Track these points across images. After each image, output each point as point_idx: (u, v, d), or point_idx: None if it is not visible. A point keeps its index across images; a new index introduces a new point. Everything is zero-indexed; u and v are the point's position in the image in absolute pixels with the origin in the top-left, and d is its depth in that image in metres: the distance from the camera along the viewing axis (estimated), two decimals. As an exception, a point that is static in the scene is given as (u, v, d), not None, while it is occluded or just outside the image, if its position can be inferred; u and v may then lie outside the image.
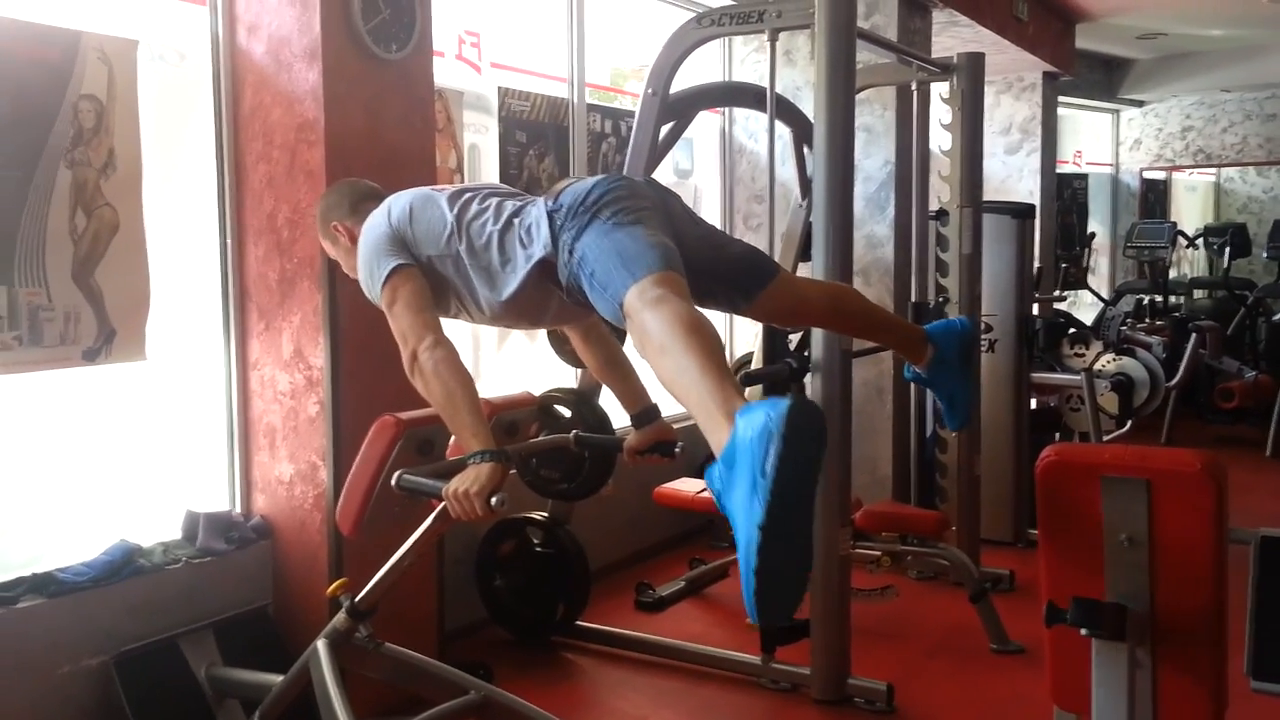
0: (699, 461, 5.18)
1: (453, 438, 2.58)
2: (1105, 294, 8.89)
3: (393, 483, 2.25)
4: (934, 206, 4.79)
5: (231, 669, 2.99)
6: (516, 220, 2.33)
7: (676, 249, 2.14)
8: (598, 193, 2.19)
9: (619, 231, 2.12)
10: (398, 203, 2.46)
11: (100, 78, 2.81)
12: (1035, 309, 5.50)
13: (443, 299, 2.41)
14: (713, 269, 2.40)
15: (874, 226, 5.16)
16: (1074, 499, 1.82)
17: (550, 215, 2.23)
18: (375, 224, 2.44)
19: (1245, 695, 1.88)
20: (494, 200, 2.41)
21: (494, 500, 2.10)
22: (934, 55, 4.91)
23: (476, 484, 2.10)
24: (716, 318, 2.31)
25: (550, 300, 2.36)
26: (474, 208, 2.39)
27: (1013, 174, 7.60)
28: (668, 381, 1.89)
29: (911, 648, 3.90)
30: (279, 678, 2.70)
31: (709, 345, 1.86)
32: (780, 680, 3.51)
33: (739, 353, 5.68)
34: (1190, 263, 10.08)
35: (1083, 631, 1.77)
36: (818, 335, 3.36)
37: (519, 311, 2.41)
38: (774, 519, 1.59)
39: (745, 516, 1.63)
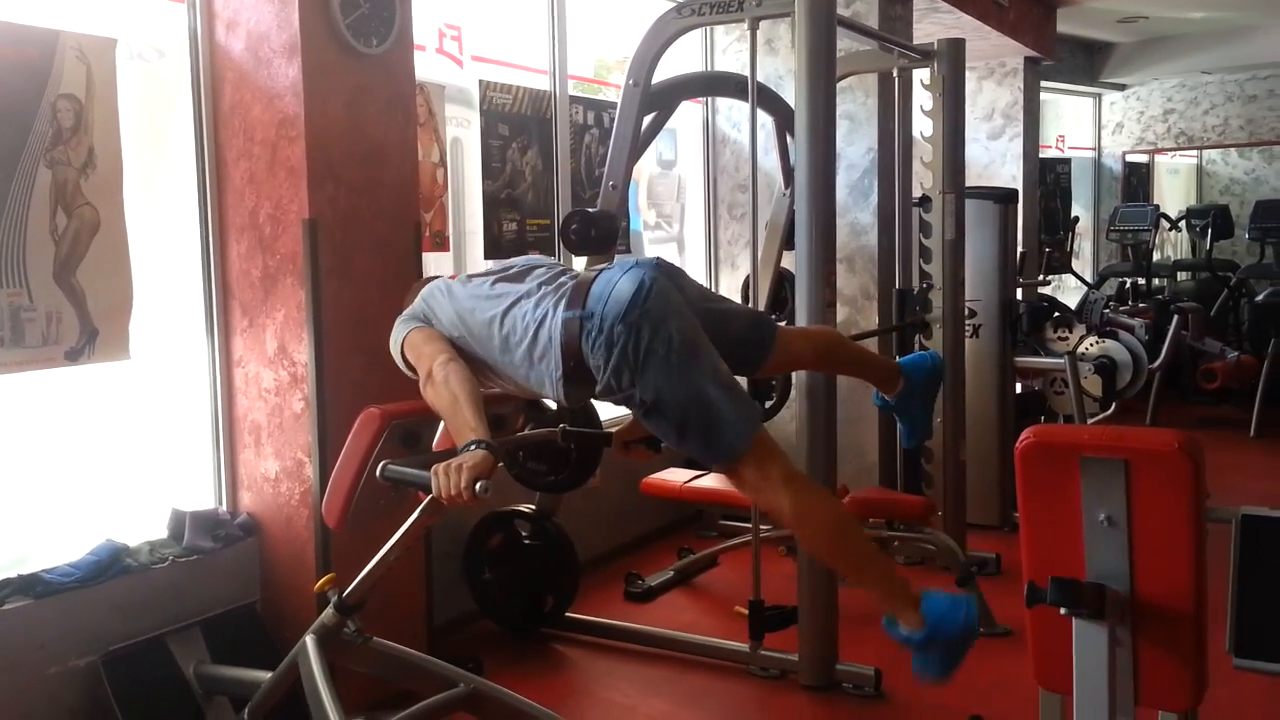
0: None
1: (439, 429, 2.60)
2: (1089, 277, 8.92)
3: (378, 473, 2.26)
4: (917, 193, 4.79)
5: (220, 666, 2.99)
6: (531, 327, 2.49)
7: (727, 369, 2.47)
8: (636, 313, 2.35)
9: (686, 369, 2.37)
10: (420, 297, 2.75)
11: (79, 76, 2.80)
12: (1019, 294, 5.52)
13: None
14: (718, 343, 2.55)
15: (858, 214, 5.17)
16: (1053, 480, 1.83)
17: (582, 322, 2.39)
18: (403, 314, 2.74)
19: (1227, 673, 1.90)
20: (499, 288, 2.61)
21: (479, 486, 2.12)
22: (915, 42, 4.91)
23: (469, 461, 2.14)
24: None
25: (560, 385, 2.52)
26: (476, 300, 2.61)
27: (996, 159, 7.62)
28: (841, 563, 2.70)
29: (900, 633, 3.91)
30: (268, 674, 2.70)
31: (863, 538, 2.64)
32: (769, 667, 3.53)
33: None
34: (1173, 245, 10.12)
35: (1062, 611, 1.78)
36: (802, 324, 3.36)
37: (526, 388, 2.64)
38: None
39: (935, 670, 2.49)
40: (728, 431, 2.37)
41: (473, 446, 2.20)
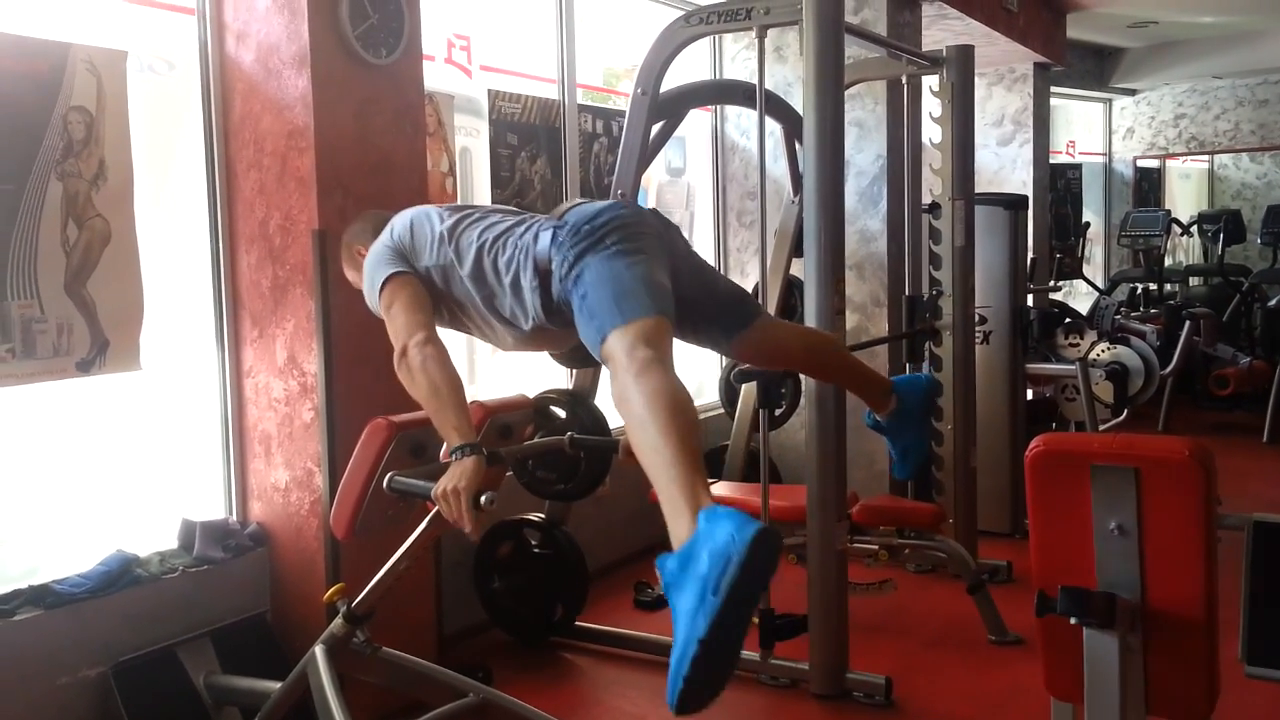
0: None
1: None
2: (1100, 283, 8.89)
3: (384, 485, 2.26)
4: (926, 200, 4.79)
5: (230, 677, 2.99)
6: (512, 235, 2.38)
7: (670, 289, 2.21)
8: (606, 217, 2.24)
9: (619, 261, 2.17)
10: (400, 220, 2.57)
11: (89, 89, 2.82)
12: (1030, 300, 5.51)
13: (439, 309, 2.48)
14: (701, 307, 2.47)
15: (867, 221, 5.17)
16: (1063, 489, 1.82)
17: (555, 231, 2.28)
18: (381, 240, 2.56)
19: (1239, 681, 1.89)
20: (491, 216, 2.49)
21: (482, 499, 2.10)
22: (924, 48, 4.92)
23: (462, 480, 2.12)
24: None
25: (538, 311, 2.37)
26: (467, 221, 2.47)
27: (1006, 165, 7.60)
28: (639, 453, 1.95)
29: (910, 641, 3.90)
30: (277, 684, 2.71)
31: (686, 430, 1.91)
32: (779, 676, 3.51)
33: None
34: (1185, 250, 10.08)
35: (1073, 620, 1.77)
36: (810, 331, 3.36)
37: (506, 323, 2.45)
38: (715, 636, 1.66)
39: (687, 625, 1.69)
40: (624, 307, 2.10)
41: (459, 454, 2.16)
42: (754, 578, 1.66)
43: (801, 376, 3.49)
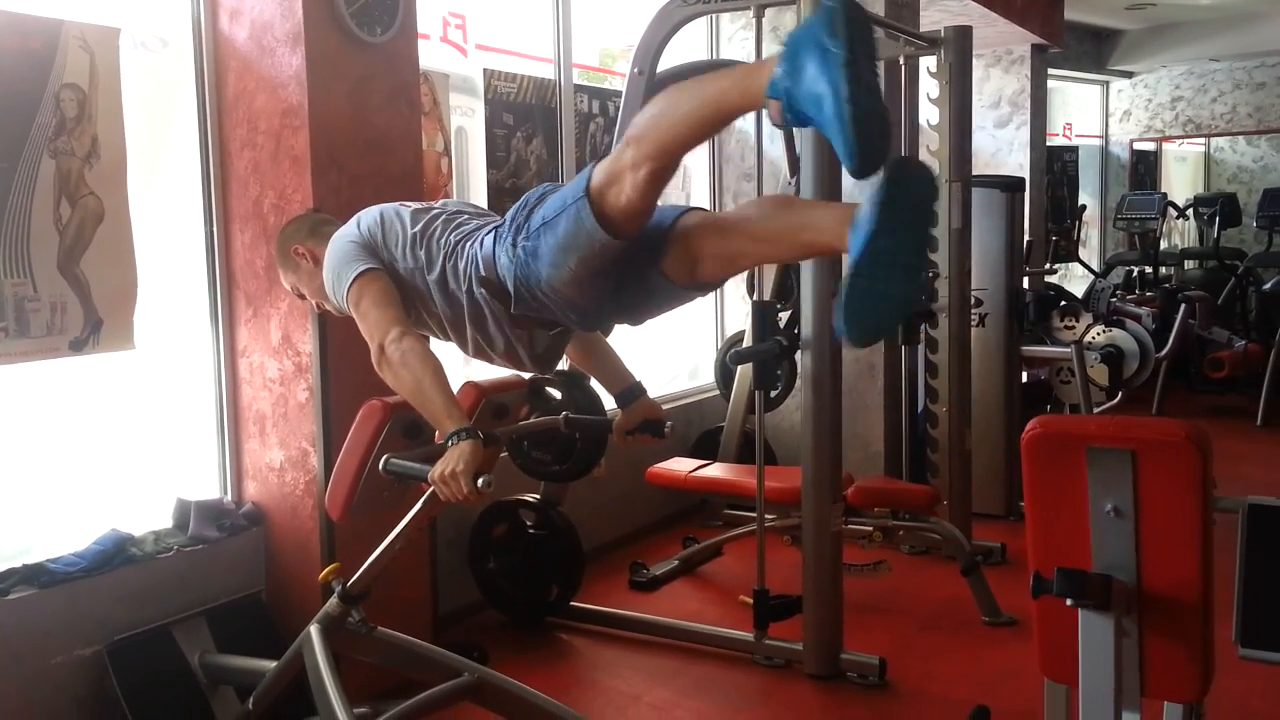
0: (691, 440, 5.21)
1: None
2: (1096, 266, 8.89)
3: (380, 467, 2.26)
4: (923, 181, 4.78)
5: (225, 656, 2.99)
6: (469, 241, 2.32)
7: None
8: (536, 194, 2.20)
9: (553, 194, 2.13)
10: (367, 214, 2.47)
11: (82, 66, 2.79)
12: (1025, 282, 5.50)
13: (410, 308, 2.39)
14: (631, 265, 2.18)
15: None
16: (1059, 471, 1.82)
17: (495, 229, 2.24)
18: (344, 234, 2.45)
19: (1233, 663, 1.90)
20: (458, 217, 2.42)
21: (480, 481, 2.11)
22: (922, 29, 4.89)
23: (460, 463, 2.11)
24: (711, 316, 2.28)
25: (502, 319, 2.31)
26: (435, 222, 2.40)
27: (1002, 147, 7.58)
28: (695, 105, 1.94)
29: (904, 622, 3.92)
30: (273, 664, 2.71)
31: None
32: (773, 656, 3.53)
33: (729, 331, 5.68)
34: (1180, 233, 10.08)
35: (1069, 602, 1.77)
36: (808, 314, 3.36)
37: (473, 329, 2.37)
38: (854, 58, 1.67)
39: (825, 76, 1.69)
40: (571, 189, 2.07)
41: (454, 438, 2.15)
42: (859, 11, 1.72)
43: (798, 359, 3.48)
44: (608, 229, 2.00)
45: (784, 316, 4.85)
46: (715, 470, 4.50)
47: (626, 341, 2.93)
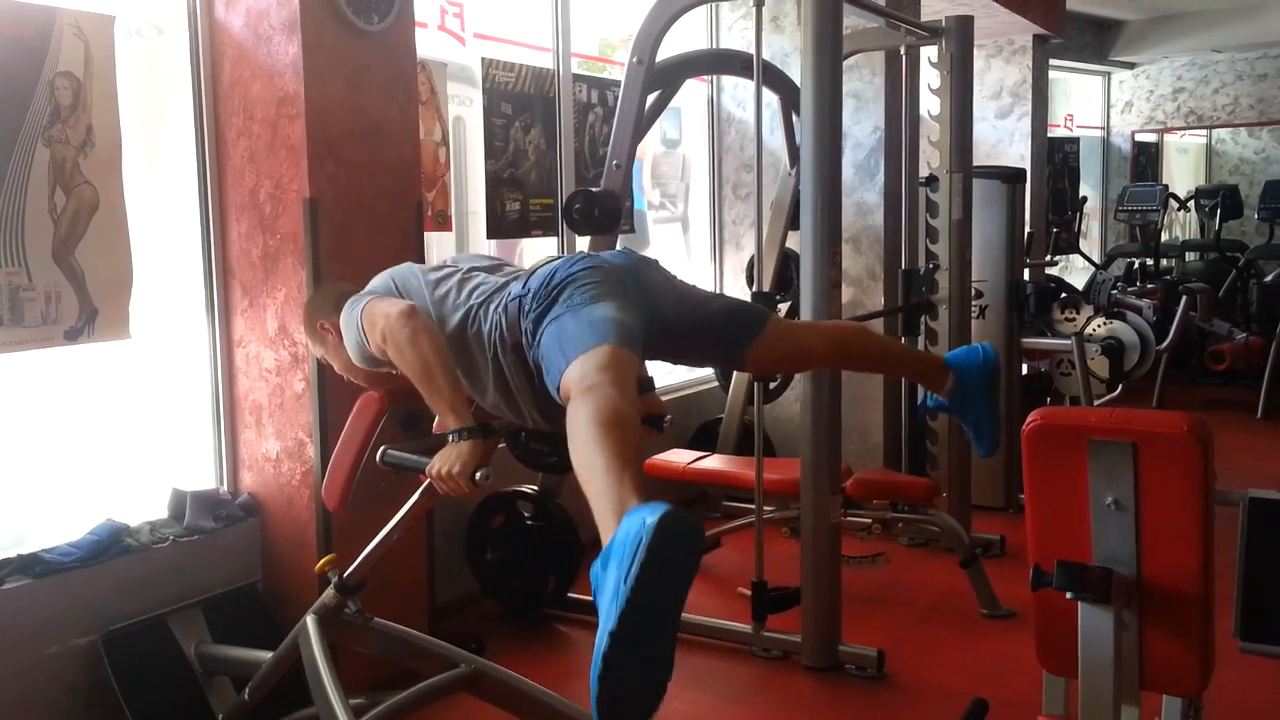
0: (690, 434, 5.20)
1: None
2: (1096, 258, 8.87)
3: (377, 459, 2.25)
4: (924, 172, 4.76)
5: (221, 646, 2.98)
6: (491, 303, 2.32)
7: (632, 323, 2.11)
8: (562, 274, 2.18)
9: (570, 316, 2.10)
10: (381, 276, 2.52)
11: (77, 54, 2.77)
12: (1026, 274, 5.48)
13: None
14: (697, 329, 2.38)
15: (864, 193, 5.14)
16: (1060, 463, 1.81)
17: (520, 300, 2.23)
18: (359, 295, 2.48)
19: (1233, 657, 1.89)
20: (474, 278, 2.42)
21: (478, 474, 2.11)
22: (923, 19, 4.86)
23: (458, 463, 2.11)
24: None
25: (523, 388, 2.32)
26: (449, 282, 2.41)
27: (1004, 138, 7.56)
28: (579, 474, 1.83)
29: (902, 614, 3.91)
30: (269, 654, 2.70)
31: (620, 440, 1.79)
32: (771, 648, 3.52)
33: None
34: (1182, 225, 10.06)
35: (1069, 595, 1.76)
36: (807, 304, 3.34)
37: (499, 394, 2.37)
38: (626, 627, 1.50)
39: (603, 621, 1.54)
40: (569, 350, 2.04)
41: (455, 436, 2.15)
42: (666, 561, 1.51)
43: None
44: None
45: (783, 308, 4.84)
46: (714, 462, 4.49)
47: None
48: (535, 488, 3.89)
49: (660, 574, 1.51)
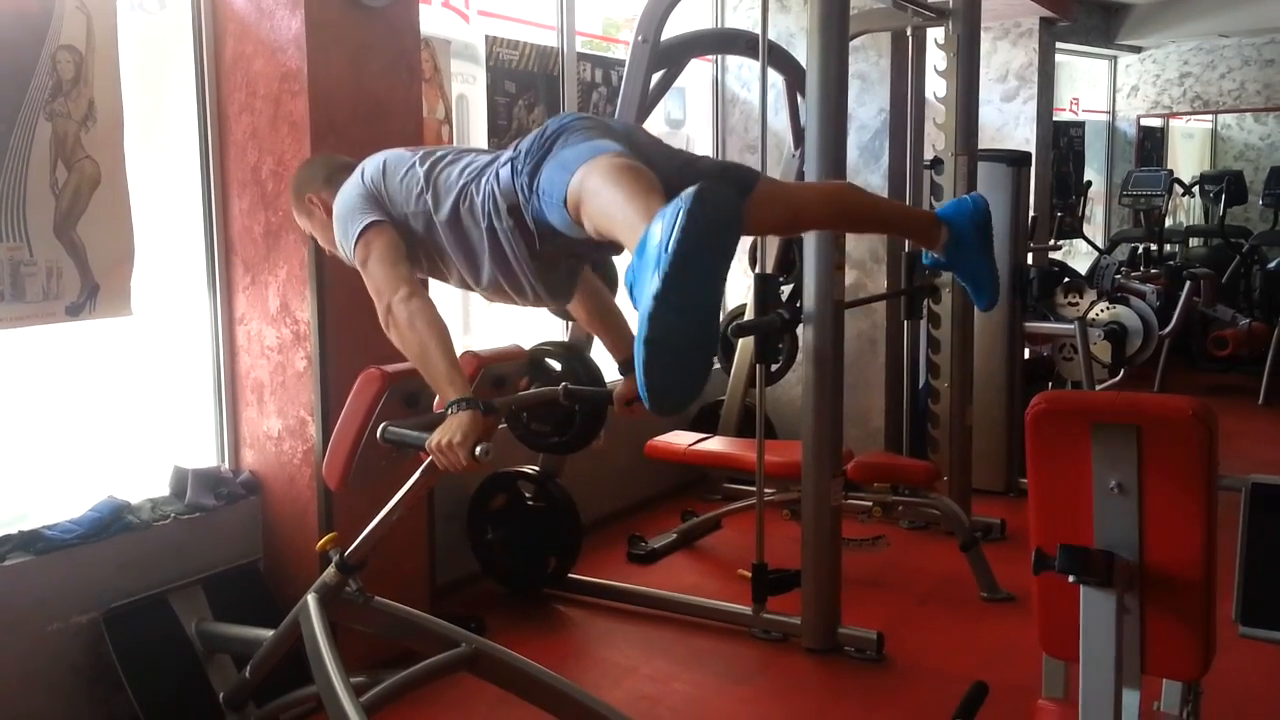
0: (692, 414, 5.19)
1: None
2: (1100, 243, 8.85)
3: (378, 435, 2.24)
4: (929, 155, 4.74)
5: (222, 624, 2.98)
6: (482, 177, 2.27)
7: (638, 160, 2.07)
8: (554, 127, 2.16)
9: (569, 148, 2.08)
10: (371, 163, 2.42)
11: (79, 28, 2.76)
12: (1030, 258, 5.47)
13: (418, 258, 2.38)
14: (688, 185, 2.33)
15: (868, 175, 5.12)
16: (1063, 446, 1.80)
17: (512, 162, 2.19)
18: (350, 185, 2.41)
19: (1234, 641, 1.88)
20: (465, 157, 2.37)
21: (478, 450, 2.09)
22: (930, 0, 4.83)
23: (459, 434, 2.09)
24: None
25: (523, 258, 2.27)
26: (442, 163, 2.35)
27: (1009, 121, 7.52)
28: (601, 221, 1.86)
29: (902, 597, 3.91)
30: (269, 632, 2.70)
31: (638, 175, 1.84)
32: (771, 630, 3.52)
33: (731, 304, 5.65)
34: (1186, 211, 10.02)
35: (1071, 579, 1.76)
36: (810, 287, 3.33)
37: (492, 266, 2.32)
38: (669, 287, 1.56)
39: (646, 291, 1.59)
40: (573, 164, 2.02)
41: (454, 408, 2.13)
42: (706, 225, 1.58)
43: (799, 333, 3.46)
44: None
45: (786, 290, 4.83)
46: (715, 444, 4.49)
47: (630, 312, 2.89)
48: (536, 468, 3.89)
49: (700, 234, 1.57)
